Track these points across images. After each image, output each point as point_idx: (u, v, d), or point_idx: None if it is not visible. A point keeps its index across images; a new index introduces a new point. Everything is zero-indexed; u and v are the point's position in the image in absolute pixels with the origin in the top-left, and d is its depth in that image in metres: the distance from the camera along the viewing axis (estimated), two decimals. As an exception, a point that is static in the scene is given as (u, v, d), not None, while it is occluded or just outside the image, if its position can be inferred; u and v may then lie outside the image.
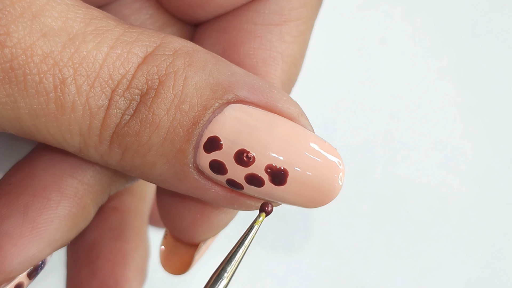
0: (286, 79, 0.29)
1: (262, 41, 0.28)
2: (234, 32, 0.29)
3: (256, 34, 0.29)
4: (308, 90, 0.50)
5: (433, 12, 0.54)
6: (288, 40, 0.29)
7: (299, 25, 0.29)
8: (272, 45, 0.28)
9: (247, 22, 0.29)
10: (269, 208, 0.25)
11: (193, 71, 0.24)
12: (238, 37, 0.29)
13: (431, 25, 0.54)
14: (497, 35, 0.55)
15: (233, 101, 0.24)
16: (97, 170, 0.28)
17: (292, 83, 0.30)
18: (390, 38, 0.54)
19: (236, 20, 0.29)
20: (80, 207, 0.27)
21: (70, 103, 0.24)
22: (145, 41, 0.24)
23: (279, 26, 0.28)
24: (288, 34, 0.29)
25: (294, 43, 0.29)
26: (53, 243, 0.27)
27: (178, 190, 0.26)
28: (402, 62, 0.53)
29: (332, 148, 0.24)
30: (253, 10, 0.29)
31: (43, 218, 0.26)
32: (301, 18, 0.29)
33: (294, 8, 0.29)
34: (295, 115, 0.25)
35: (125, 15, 0.30)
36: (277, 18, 0.28)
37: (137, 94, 0.24)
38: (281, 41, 0.28)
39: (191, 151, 0.24)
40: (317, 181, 0.24)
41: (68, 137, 0.24)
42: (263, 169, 0.24)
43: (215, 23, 0.30)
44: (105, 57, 0.24)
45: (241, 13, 0.29)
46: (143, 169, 0.25)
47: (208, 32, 0.30)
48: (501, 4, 0.55)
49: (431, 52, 0.54)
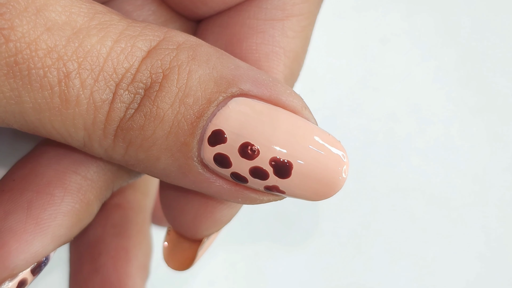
0: (288, 74, 0.29)
1: (264, 36, 0.29)
2: (236, 28, 0.29)
3: (258, 29, 0.29)
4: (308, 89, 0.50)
5: (433, 12, 0.54)
6: (290, 35, 0.29)
7: (301, 20, 0.29)
8: (274, 40, 0.29)
9: (249, 17, 0.29)
10: None
11: (196, 65, 0.24)
12: (240, 33, 0.29)
13: (431, 25, 0.54)
14: (497, 35, 0.55)
15: (237, 95, 0.24)
16: (100, 166, 0.28)
17: (294, 78, 0.30)
18: (390, 38, 0.54)
19: (239, 15, 0.29)
20: (83, 203, 0.27)
21: (74, 97, 0.24)
22: (148, 35, 0.25)
23: (282, 21, 0.29)
24: (290, 29, 0.29)
25: (296, 38, 0.29)
26: (57, 239, 0.27)
27: (182, 185, 0.26)
28: (402, 62, 0.53)
29: (336, 141, 0.25)
30: (255, 6, 0.29)
31: (46, 214, 0.26)
32: (303, 13, 0.29)
33: (296, 3, 0.29)
34: (298, 108, 0.25)
35: (127, 11, 0.30)
36: (280, 13, 0.29)
37: (141, 88, 0.24)
38: (284, 36, 0.29)
39: (196, 145, 0.24)
40: (321, 174, 0.24)
41: (72, 131, 0.24)
42: (267, 162, 0.24)
43: (218, 18, 0.30)
44: (109, 51, 0.24)
45: (244, 9, 0.29)
46: (148, 163, 0.25)
47: (210, 28, 0.30)
48: (501, 4, 0.55)
49: (431, 52, 0.54)
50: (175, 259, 0.32)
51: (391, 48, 0.54)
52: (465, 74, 0.53)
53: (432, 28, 0.54)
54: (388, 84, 0.53)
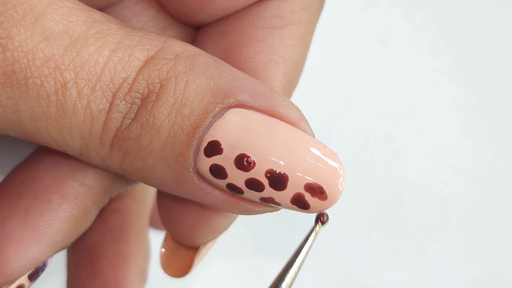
0: (287, 82, 0.29)
1: (263, 44, 0.28)
2: (235, 35, 0.29)
3: (257, 38, 0.29)
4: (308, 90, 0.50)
5: (433, 12, 0.54)
6: (289, 43, 0.29)
7: (300, 28, 0.29)
8: (273, 48, 0.28)
9: (248, 25, 0.29)
10: (324, 218, 0.26)
11: (194, 75, 0.24)
12: (239, 40, 0.29)
13: (431, 25, 0.54)
14: (497, 34, 0.55)
15: (234, 106, 0.24)
16: (98, 173, 0.28)
17: (293, 87, 0.30)
18: (390, 38, 0.54)
19: (238, 23, 0.29)
20: (81, 209, 0.27)
21: (71, 106, 0.24)
22: (146, 44, 0.24)
23: (281, 29, 0.28)
24: (289, 38, 0.29)
25: (295, 46, 0.29)
26: (54, 245, 0.27)
27: (179, 194, 0.26)
28: (402, 62, 0.53)
29: (332, 153, 0.25)
30: (254, 14, 0.29)
31: (44, 221, 0.26)
32: (302, 22, 0.29)
33: (296, 12, 0.29)
34: (296, 120, 0.25)
35: (126, 17, 0.30)
36: (279, 22, 0.28)
37: (138, 98, 0.24)
38: (282, 44, 0.28)
39: (192, 155, 0.24)
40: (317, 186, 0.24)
41: (69, 140, 0.24)
42: (263, 174, 0.24)
43: (217, 26, 0.30)
44: (107, 61, 0.24)
45: (243, 16, 0.29)
46: (144, 173, 0.25)
47: (209, 35, 0.30)
48: (501, 4, 0.55)
49: (431, 52, 0.54)
50: (172, 266, 0.32)
51: (391, 48, 0.53)
52: (465, 73, 0.53)
53: (432, 28, 0.54)
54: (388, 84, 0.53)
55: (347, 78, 0.53)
